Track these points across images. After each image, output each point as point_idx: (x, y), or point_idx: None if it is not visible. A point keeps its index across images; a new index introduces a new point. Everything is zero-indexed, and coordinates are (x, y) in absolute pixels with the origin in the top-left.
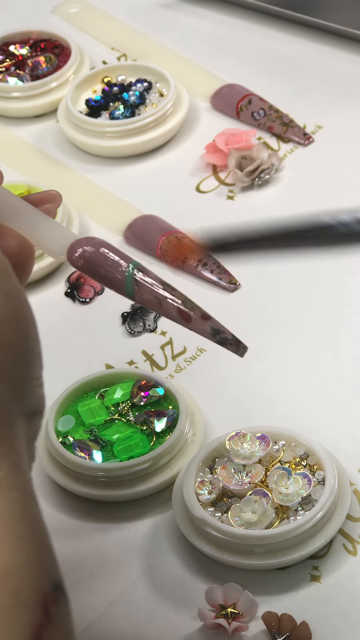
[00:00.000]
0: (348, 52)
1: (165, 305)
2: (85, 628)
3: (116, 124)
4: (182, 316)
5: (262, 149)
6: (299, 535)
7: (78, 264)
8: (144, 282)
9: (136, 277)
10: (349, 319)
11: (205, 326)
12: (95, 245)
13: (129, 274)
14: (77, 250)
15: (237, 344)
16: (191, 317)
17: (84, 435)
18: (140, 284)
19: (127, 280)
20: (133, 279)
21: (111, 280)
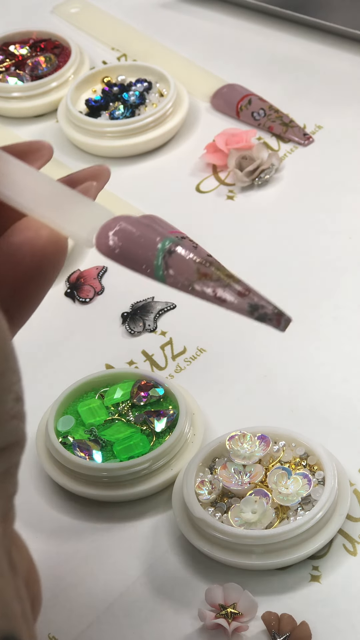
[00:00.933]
0: (348, 52)
1: (198, 286)
2: (86, 628)
3: (116, 124)
4: (217, 297)
5: (262, 149)
6: (299, 535)
7: (110, 255)
8: (176, 264)
9: (167, 260)
10: (349, 319)
11: (242, 304)
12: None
13: (158, 257)
14: (107, 237)
15: (277, 319)
16: (225, 299)
17: (84, 435)
18: (171, 267)
19: (156, 263)
20: (164, 262)
21: (139, 267)
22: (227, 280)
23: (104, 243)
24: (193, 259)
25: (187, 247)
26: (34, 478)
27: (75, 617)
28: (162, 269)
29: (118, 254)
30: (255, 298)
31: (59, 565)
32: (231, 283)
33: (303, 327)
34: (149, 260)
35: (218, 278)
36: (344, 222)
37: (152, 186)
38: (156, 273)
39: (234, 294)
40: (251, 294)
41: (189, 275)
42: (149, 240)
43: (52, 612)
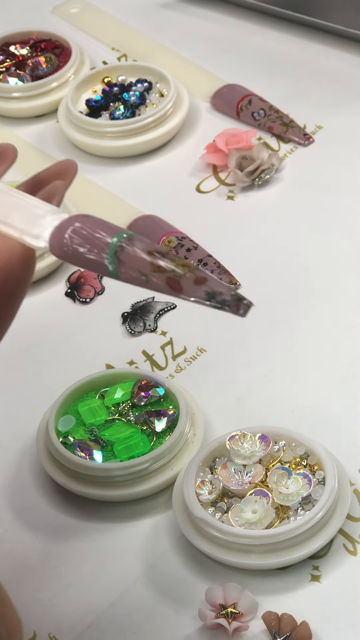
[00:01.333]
0: (348, 52)
1: (153, 279)
2: (86, 628)
3: (116, 124)
4: (171, 287)
5: (262, 149)
6: (299, 535)
7: (63, 256)
8: (128, 259)
9: (119, 255)
10: (349, 319)
11: (199, 292)
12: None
13: (110, 253)
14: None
15: (237, 305)
16: (181, 286)
17: (84, 435)
18: (124, 263)
19: (109, 260)
20: (116, 258)
21: (93, 265)
22: (182, 270)
23: (58, 245)
24: (145, 252)
25: (139, 241)
26: (34, 478)
27: (75, 617)
28: (115, 264)
29: (71, 254)
30: (212, 285)
31: (59, 565)
32: (186, 273)
33: (303, 327)
34: (101, 257)
35: (172, 269)
36: (344, 222)
37: (152, 186)
38: (109, 269)
39: (190, 283)
40: (208, 281)
41: (142, 268)
42: (100, 237)
43: (52, 612)
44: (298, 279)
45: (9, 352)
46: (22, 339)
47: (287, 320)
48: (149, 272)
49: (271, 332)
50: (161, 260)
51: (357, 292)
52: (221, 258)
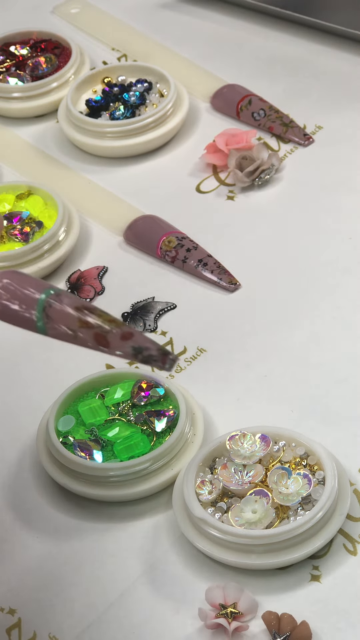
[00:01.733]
0: (348, 52)
1: (80, 334)
2: (86, 628)
3: (116, 124)
4: (99, 342)
5: (262, 149)
6: (299, 535)
7: None
8: (56, 315)
9: (47, 311)
10: (348, 319)
11: (125, 347)
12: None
13: (39, 309)
14: None
15: (163, 359)
16: (108, 341)
17: (84, 435)
18: (51, 319)
19: (38, 316)
20: (44, 313)
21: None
22: (109, 326)
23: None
24: (72, 307)
25: (67, 297)
26: (34, 478)
27: (75, 617)
28: (43, 320)
29: (0, 310)
30: (139, 340)
31: (59, 565)
32: (113, 328)
33: (303, 327)
34: (30, 313)
35: (99, 325)
36: (344, 222)
37: (152, 186)
38: (38, 325)
39: (117, 338)
40: (135, 337)
41: (70, 324)
42: (29, 293)
43: (52, 612)
44: (298, 279)
45: (9, 351)
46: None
47: (287, 320)
48: (76, 327)
49: (271, 332)
50: (88, 316)
51: (357, 292)
52: (221, 258)
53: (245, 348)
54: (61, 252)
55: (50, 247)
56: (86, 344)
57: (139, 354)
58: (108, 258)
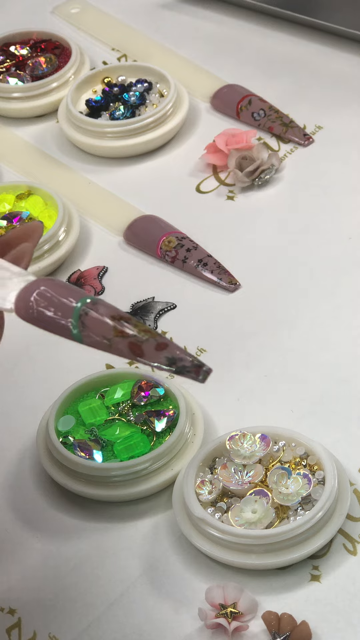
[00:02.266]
0: (348, 52)
1: (115, 343)
2: (86, 628)
3: (116, 124)
4: (133, 351)
5: (262, 150)
6: (299, 535)
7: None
8: (92, 323)
9: (83, 319)
10: (348, 319)
11: (160, 358)
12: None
13: (75, 317)
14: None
15: (196, 370)
16: (143, 351)
17: (84, 435)
18: (86, 327)
19: (73, 324)
20: (80, 321)
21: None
22: (144, 336)
23: (24, 308)
24: (108, 316)
25: (103, 306)
26: (34, 478)
27: (75, 617)
28: (79, 328)
29: (36, 317)
30: (173, 351)
31: (59, 565)
32: (148, 338)
33: (303, 327)
34: (66, 321)
35: (135, 334)
36: (344, 222)
37: (152, 186)
38: (73, 333)
39: (152, 348)
40: (169, 347)
41: (106, 333)
42: (65, 301)
43: (53, 612)
44: (298, 279)
45: (9, 351)
46: (22, 338)
47: (287, 320)
48: (112, 336)
49: (271, 332)
50: (124, 325)
51: (357, 292)
52: (221, 258)
53: (245, 348)
54: (61, 252)
55: (50, 247)
56: (121, 352)
57: (173, 364)
58: (108, 258)
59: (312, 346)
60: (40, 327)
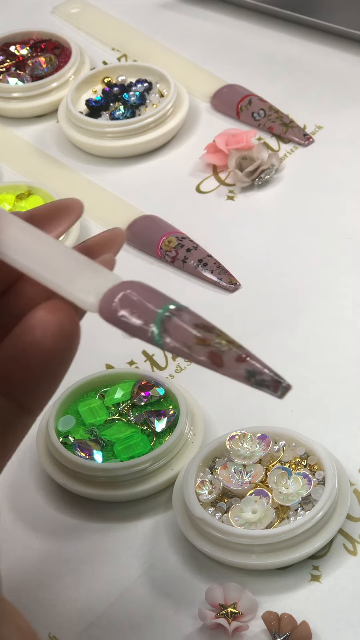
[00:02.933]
0: (348, 52)
1: (195, 350)
2: (86, 628)
3: (116, 124)
4: (213, 361)
5: (262, 150)
6: (299, 535)
7: (112, 320)
8: (174, 329)
9: (165, 325)
10: (349, 319)
11: (239, 369)
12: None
13: (157, 322)
14: (110, 303)
15: (275, 386)
16: (223, 361)
17: (84, 435)
18: (169, 332)
19: (155, 329)
20: (162, 326)
21: (139, 332)
22: (226, 346)
23: (107, 308)
24: (192, 324)
25: (187, 313)
26: (34, 478)
27: (75, 617)
28: (160, 333)
29: (118, 319)
30: (254, 364)
31: (59, 565)
32: (230, 349)
33: (303, 327)
34: (147, 325)
35: (216, 343)
36: (344, 222)
37: (152, 186)
38: (154, 338)
39: (232, 359)
40: (249, 359)
41: (187, 340)
42: (149, 305)
43: (52, 612)
44: (298, 279)
45: None
46: None
47: (287, 320)
48: (192, 343)
49: (271, 332)
50: (207, 334)
51: (357, 292)
52: (221, 258)
53: None
54: None
55: None
56: (200, 361)
57: (252, 377)
58: None
59: (312, 346)
60: (121, 328)
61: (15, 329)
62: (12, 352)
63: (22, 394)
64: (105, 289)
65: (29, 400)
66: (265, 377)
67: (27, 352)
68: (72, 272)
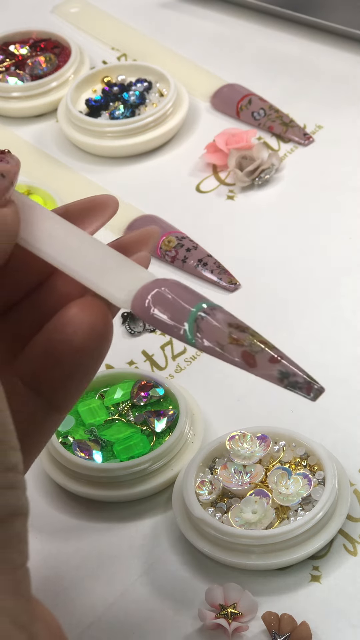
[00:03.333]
0: (348, 51)
1: (228, 350)
2: (86, 628)
3: (116, 123)
4: (246, 361)
5: (262, 149)
6: (299, 535)
7: (145, 317)
8: (207, 328)
9: (199, 324)
10: (349, 318)
11: (272, 370)
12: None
13: (190, 320)
14: (143, 300)
15: (308, 388)
16: (256, 361)
17: (84, 436)
18: (202, 331)
19: (188, 327)
20: (195, 325)
21: (171, 330)
22: (260, 346)
23: (140, 305)
24: (226, 324)
25: (221, 312)
26: (34, 478)
27: (75, 617)
28: (194, 332)
29: (151, 316)
30: (287, 365)
31: (59, 565)
32: (264, 349)
33: (303, 327)
34: (181, 324)
35: (250, 344)
36: (344, 222)
37: (152, 186)
38: (187, 336)
39: (265, 360)
40: (283, 360)
41: (220, 339)
42: (182, 303)
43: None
44: (298, 279)
45: None
46: None
47: (287, 320)
48: (226, 343)
49: (271, 332)
50: (240, 333)
51: (357, 292)
52: (221, 258)
53: None
54: None
55: None
56: (233, 360)
57: (285, 378)
58: None
59: (312, 346)
60: (154, 325)
61: (48, 325)
62: (43, 349)
63: (52, 391)
64: (138, 286)
65: (59, 398)
66: (299, 379)
67: (58, 350)
68: (106, 268)
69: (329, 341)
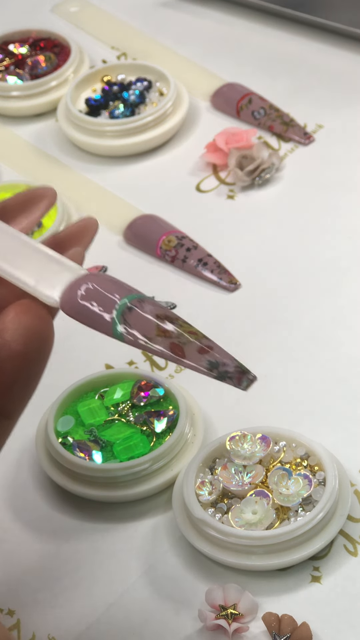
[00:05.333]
0: (349, 51)
1: (156, 342)
2: (85, 629)
3: (116, 123)
4: (174, 352)
5: (263, 148)
6: (299, 536)
7: (72, 313)
8: (135, 320)
9: (125, 316)
10: (349, 319)
11: (201, 361)
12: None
13: (117, 314)
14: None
15: (238, 377)
16: (184, 352)
17: (83, 436)
18: (128, 324)
19: (114, 320)
20: (122, 319)
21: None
22: (188, 337)
23: (67, 302)
24: (153, 315)
25: (149, 304)
26: (34, 478)
27: (75, 618)
28: (120, 325)
29: (78, 311)
30: (217, 355)
31: (59, 566)
32: (192, 340)
33: (303, 327)
34: (108, 316)
35: (178, 334)
36: (344, 222)
37: (152, 186)
38: (114, 330)
39: (194, 350)
40: (213, 351)
41: (148, 331)
42: (110, 297)
43: (52, 613)
44: (298, 278)
45: None
46: None
47: (287, 320)
48: (154, 335)
49: (271, 332)
50: (169, 325)
51: (357, 292)
52: (221, 257)
53: (245, 348)
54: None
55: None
56: (162, 353)
57: (215, 369)
58: (107, 257)
59: (312, 346)
60: (83, 322)
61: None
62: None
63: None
64: (67, 284)
65: (5, 404)
66: (229, 369)
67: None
68: (38, 267)
69: (329, 341)
